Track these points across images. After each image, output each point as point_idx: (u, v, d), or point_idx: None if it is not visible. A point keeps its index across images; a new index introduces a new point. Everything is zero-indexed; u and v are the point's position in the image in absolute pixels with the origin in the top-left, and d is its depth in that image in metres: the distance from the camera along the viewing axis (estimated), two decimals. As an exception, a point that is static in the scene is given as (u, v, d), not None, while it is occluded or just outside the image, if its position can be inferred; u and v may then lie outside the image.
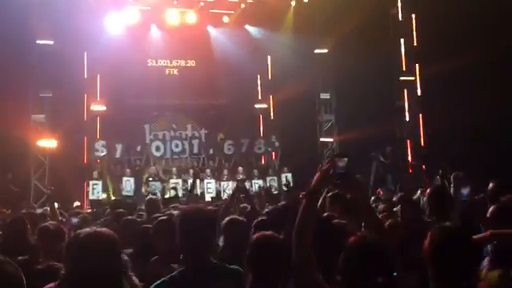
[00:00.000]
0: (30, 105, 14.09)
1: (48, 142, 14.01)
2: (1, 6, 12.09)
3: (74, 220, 5.79)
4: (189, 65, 16.90)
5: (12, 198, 11.99)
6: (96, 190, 13.91)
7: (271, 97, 17.30)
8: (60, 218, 6.31)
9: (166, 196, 13.29)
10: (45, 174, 14.13)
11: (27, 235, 4.47)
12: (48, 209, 7.29)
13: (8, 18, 12.18)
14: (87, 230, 2.38)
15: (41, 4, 13.31)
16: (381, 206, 6.69)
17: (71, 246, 2.47)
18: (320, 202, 3.95)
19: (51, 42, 13.99)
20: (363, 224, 3.02)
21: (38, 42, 13.90)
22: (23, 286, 2.20)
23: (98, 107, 15.56)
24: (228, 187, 14.39)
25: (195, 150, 16.12)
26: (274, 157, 16.41)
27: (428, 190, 4.75)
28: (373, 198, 10.27)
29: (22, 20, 12.95)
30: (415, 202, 6.15)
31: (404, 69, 15.19)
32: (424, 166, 13.69)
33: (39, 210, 8.64)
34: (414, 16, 14.90)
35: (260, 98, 17.52)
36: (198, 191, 14.18)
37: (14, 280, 2.16)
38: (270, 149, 16.29)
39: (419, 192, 8.32)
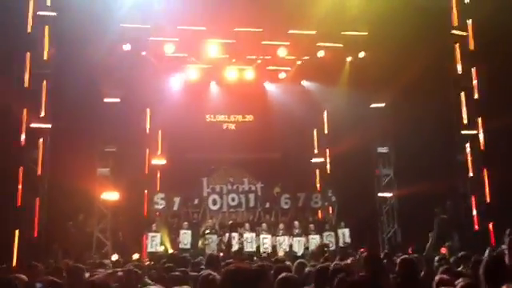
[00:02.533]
0: (96, 159, 14.79)
1: (111, 195, 14.53)
2: (73, 68, 13.05)
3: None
4: (246, 119, 17.31)
5: (75, 249, 12.44)
6: (154, 243, 14.12)
7: (327, 151, 17.27)
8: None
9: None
10: (107, 225, 14.58)
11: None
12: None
13: (78, 78, 13.08)
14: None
15: (109, 65, 14.20)
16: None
17: None
18: None
19: (117, 100, 14.81)
20: None
21: (105, 100, 14.74)
22: None
23: (159, 161, 16.12)
24: (283, 242, 14.25)
25: (251, 204, 16.17)
26: (330, 211, 16.15)
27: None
28: (437, 257, 9.81)
29: (91, 80, 13.84)
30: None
31: (465, 122, 14.77)
32: (491, 225, 13.00)
33: (107, 261, 8.95)
34: (474, 69, 14.61)
35: (316, 151, 17.53)
36: (254, 246, 14.14)
37: None
38: (326, 203, 16.06)
39: (487, 252, 7.91)
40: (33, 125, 12.73)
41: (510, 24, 12.45)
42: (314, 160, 17.36)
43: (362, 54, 15.84)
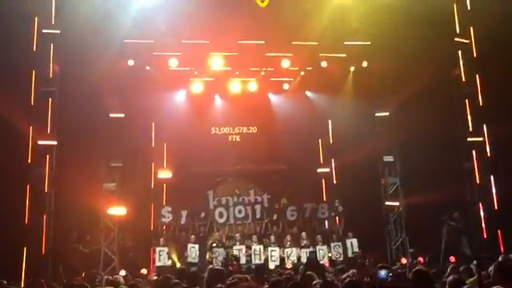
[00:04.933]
0: (103, 174, 14.82)
1: (118, 210, 14.53)
2: (77, 84, 13.12)
3: None
4: (250, 131, 17.31)
5: (83, 265, 12.43)
6: (162, 257, 14.11)
7: (333, 160, 17.22)
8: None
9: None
10: (114, 241, 14.56)
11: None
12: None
13: (83, 94, 13.16)
14: None
15: (113, 81, 14.27)
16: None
17: None
18: None
19: (122, 115, 14.88)
20: None
21: (110, 115, 14.81)
22: None
23: (165, 174, 16.13)
24: (291, 254, 14.19)
25: (258, 215, 16.16)
26: (338, 222, 16.08)
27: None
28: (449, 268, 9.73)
29: (96, 96, 13.92)
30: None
31: (471, 130, 14.72)
32: (500, 232, 12.91)
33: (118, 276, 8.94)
34: (477, 76, 14.59)
35: (322, 162, 17.49)
36: (262, 258, 14.09)
37: None
38: (333, 213, 16.00)
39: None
40: (39, 142, 12.76)
41: (513, 30, 12.46)
42: (319, 170, 17.32)
43: (365, 64, 15.84)
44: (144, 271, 12.97)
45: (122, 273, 12.19)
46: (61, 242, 13.33)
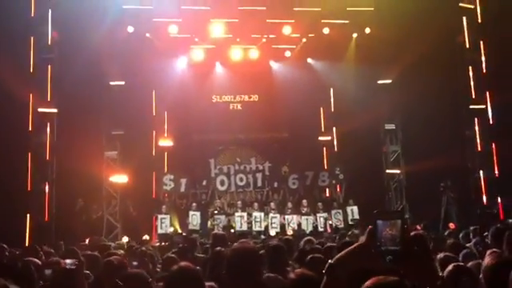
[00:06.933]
0: (104, 142, 14.85)
1: (119, 178, 14.62)
2: (76, 51, 13.01)
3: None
4: (252, 99, 17.19)
5: (86, 232, 12.58)
6: (164, 224, 14.23)
7: (334, 129, 17.16)
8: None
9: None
10: (116, 208, 14.69)
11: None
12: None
13: (83, 61, 13.05)
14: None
15: (112, 48, 14.13)
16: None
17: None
18: None
19: (122, 83, 14.79)
20: None
21: (110, 83, 14.72)
22: None
23: (166, 142, 16.13)
24: (292, 221, 14.32)
25: (259, 184, 16.22)
26: (338, 189, 16.16)
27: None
28: (446, 232, 9.82)
29: (95, 63, 13.79)
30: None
31: (473, 97, 14.62)
32: (499, 199, 12.97)
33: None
34: (482, 43, 14.38)
35: (323, 130, 17.43)
36: (263, 225, 14.24)
37: None
38: (334, 181, 16.05)
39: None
40: (40, 109, 12.73)
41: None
42: (321, 138, 17.28)
43: (368, 30, 15.61)
44: (146, 237, 13.13)
45: (125, 239, 12.37)
46: (64, 208, 13.44)
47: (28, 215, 12.29)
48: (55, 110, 13.12)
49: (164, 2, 14.04)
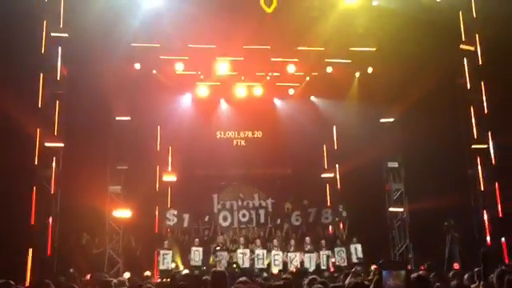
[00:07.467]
0: (108, 177, 14.93)
1: (123, 212, 14.63)
2: (84, 87, 13.27)
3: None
4: (256, 136, 17.38)
5: (88, 267, 12.51)
6: (166, 260, 14.12)
7: (337, 166, 17.26)
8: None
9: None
10: (119, 243, 14.64)
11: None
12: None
13: (90, 97, 13.30)
14: None
15: (120, 84, 14.40)
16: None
17: None
18: None
19: (128, 118, 14.99)
20: None
21: (116, 118, 14.93)
22: None
23: (169, 177, 16.22)
24: (295, 258, 14.22)
25: (262, 220, 16.18)
26: (342, 227, 16.09)
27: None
28: (451, 273, 9.72)
29: (102, 99, 14.03)
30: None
31: (475, 137, 14.73)
32: (504, 240, 12.90)
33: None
34: (482, 83, 14.60)
35: (326, 167, 17.52)
36: (265, 262, 14.13)
37: None
38: (337, 218, 16.01)
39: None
40: (47, 144, 12.87)
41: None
42: (324, 175, 17.35)
43: (370, 70, 15.90)
44: (148, 273, 13.03)
45: (127, 275, 12.27)
46: (67, 243, 13.41)
47: (30, 250, 12.24)
48: (62, 145, 13.25)
49: (171, 39, 14.34)
